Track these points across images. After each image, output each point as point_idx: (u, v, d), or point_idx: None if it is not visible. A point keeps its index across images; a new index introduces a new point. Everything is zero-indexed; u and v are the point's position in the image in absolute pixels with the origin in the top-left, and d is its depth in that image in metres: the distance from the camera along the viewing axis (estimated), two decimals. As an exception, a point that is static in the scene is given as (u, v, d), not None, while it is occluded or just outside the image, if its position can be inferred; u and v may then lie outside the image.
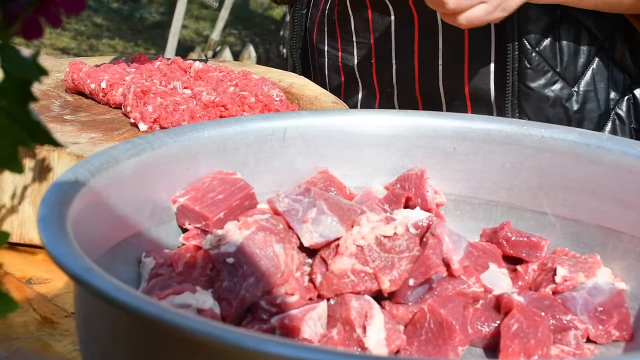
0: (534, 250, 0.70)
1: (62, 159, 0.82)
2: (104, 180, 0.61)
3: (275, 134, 0.73)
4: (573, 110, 1.12)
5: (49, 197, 0.55)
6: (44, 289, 0.77)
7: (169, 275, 0.64)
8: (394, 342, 0.61)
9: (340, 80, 1.26)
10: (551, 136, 0.73)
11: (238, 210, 0.69)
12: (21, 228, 0.83)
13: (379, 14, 1.19)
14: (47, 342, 0.69)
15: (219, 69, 1.04)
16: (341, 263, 0.63)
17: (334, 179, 0.75)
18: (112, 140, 0.88)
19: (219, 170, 0.71)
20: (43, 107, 0.97)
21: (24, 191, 0.82)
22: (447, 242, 0.63)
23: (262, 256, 0.62)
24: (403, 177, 0.75)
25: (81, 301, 0.53)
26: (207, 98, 0.95)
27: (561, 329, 0.64)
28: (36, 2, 0.32)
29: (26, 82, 0.32)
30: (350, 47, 1.24)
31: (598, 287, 0.67)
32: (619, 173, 0.70)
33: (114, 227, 0.63)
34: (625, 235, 0.69)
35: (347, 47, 1.24)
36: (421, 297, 0.63)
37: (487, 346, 0.64)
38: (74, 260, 0.48)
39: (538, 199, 0.74)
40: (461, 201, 0.76)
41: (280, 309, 0.61)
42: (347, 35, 1.24)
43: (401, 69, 1.20)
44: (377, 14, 1.19)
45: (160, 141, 0.67)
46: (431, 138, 0.75)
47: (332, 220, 0.65)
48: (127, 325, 0.49)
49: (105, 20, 6.29)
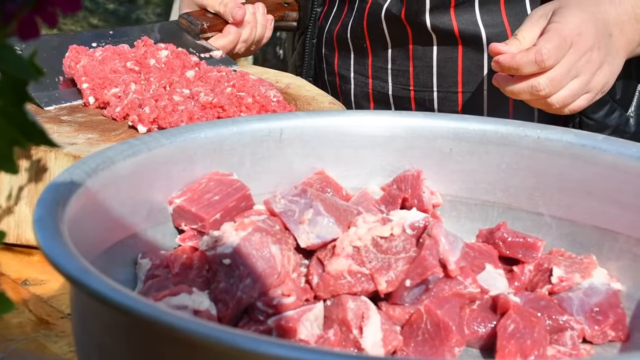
0: (530, 251, 0.70)
1: (59, 160, 0.82)
2: (100, 181, 0.61)
3: (271, 134, 0.73)
4: (631, 133, 1.14)
5: (45, 197, 0.55)
6: (40, 290, 0.77)
7: (165, 276, 0.64)
8: (391, 343, 0.61)
9: (369, 106, 1.24)
10: (547, 137, 0.73)
11: (234, 212, 0.69)
12: (18, 229, 0.83)
13: (421, 43, 1.17)
14: (43, 343, 0.69)
15: (217, 69, 1.04)
16: (338, 264, 0.63)
17: (330, 180, 0.75)
18: (110, 140, 0.88)
19: (216, 171, 0.71)
20: (40, 107, 0.97)
21: (20, 192, 0.82)
22: (444, 243, 0.63)
23: (259, 257, 0.62)
24: (399, 178, 0.75)
25: (77, 302, 0.53)
26: (204, 99, 0.94)
27: (557, 329, 0.64)
28: (32, 2, 0.32)
29: (22, 81, 0.32)
30: (384, 75, 1.21)
31: (594, 288, 0.67)
32: (615, 174, 0.70)
33: (110, 228, 0.63)
34: (621, 236, 0.69)
35: (380, 74, 1.22)
36: (418, 298, 0.63)
37: (484, 347, 0.64)
38: (70, 261, 0.48)
39: (534, 199, 0.74)
40: (457, 202, 0.76)
41: (276, 310, 0.61)
42: (380, 63, 1.21)
43: (443, 97, 1.18)
44: (418, 43, 1.17)
45: (157, 142, 0.67)
46: (427, 139, 0.75)
47: (328, 221, 0.65)
48: (124, 326, 0.49)
49: (102, 21, 6.28)
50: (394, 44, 1.19)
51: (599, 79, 1.00)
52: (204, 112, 0.94)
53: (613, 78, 1.03)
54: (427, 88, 1.18)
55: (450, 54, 1.16)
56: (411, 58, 1.18)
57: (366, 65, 1.23)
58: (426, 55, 1.17)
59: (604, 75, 1.01)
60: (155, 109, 0.92)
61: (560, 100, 0.99)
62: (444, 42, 1.15)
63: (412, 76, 1.18)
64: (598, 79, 1.00)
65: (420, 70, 1.18)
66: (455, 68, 1.16)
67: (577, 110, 1.02)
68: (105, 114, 0.96)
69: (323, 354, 0.42)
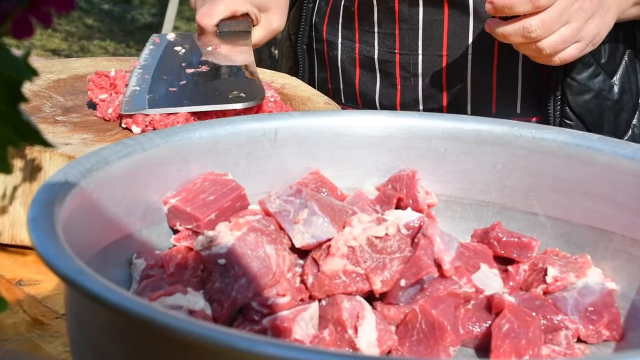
0: (524, 251, 0.70)
1: (54, 160, 0.82)
2: (94, 181, 0.61)
3: (266, 134, 0.73)
4: (613, 101, 1.14)
5: (40, 198, 0.55)
6: (35, 290, 0.77)
7: (160, 276, 0.64)
8: (386, 343, 0.61)
9: (355, 71, 1.24)
10: (542, 137, 0.73)
11: (229, 212, 0.69)
12: (12, 229, 0.83)
13: (407, 3, 1.16)
14: (38, 343, 0.68)
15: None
16: (333, 264, 0.63)
17: (325, 180, 0.75)
18: (104, 141, 0.88)
19: (211, 172, 0.71)
20: (35, 108, 0.97)
21: (14, 192, 0.82)
22: (439, 243, 0.63)
23: (254, 257, 0.62)
24: (394, 178, 0.75)
25: (72, 302, 0.53)
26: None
27: (552, 329, 0.64)
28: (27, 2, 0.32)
29: (16, 81, 0.32)
30: (370, 38, 1.21)
31: (589, 287, 0.67)
32: (610, 173, 0.70)
33: (105, 228, 0.63)
34: (615, 236, 0.69)
35: (367, 38, 1.21)
36: (413, 298, 0.64)
37: (479, 346, 0.64)
38: (65, 262, 0.48)
39: (529, 199, 0.74)
40: (452, 202, 0.76)
41: (271, 310, 0.61)
42: (367, 27, 1.21)
43: (428, 60, 1.17)
44: (404, 4, 1.16)
45: (151, 142, 0.67)
46: (423, 139, 0.75)
47: (323, 221, 0.65)
48: (119, 327, 0.49)
49: (97, 21, 6.27)
50: (380, 6, 1.19)
51: (590, 29, 1.00)
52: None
53: (604, 31, 1.03)
54: (413, 51, 1.17)
55: (436, 16, 1.15)
56: (397, 20, 1.17)
57: (353, 30, 1.22)
58: (412, 17, 1.16)
59: (595, 26, 1.01)
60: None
61: (551, 45, 0.98)
62: (430, 2, 1.15)
63: (397, 39, 1.18)
64: (589, 28, 1.00)
65: (406, 32, 1.17)
66: (441, 31, 1.15)
67: (568, 59, 1.01)
68: (98, 114, 0.95)
69: (318, 353, 0.42)
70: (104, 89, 0.97)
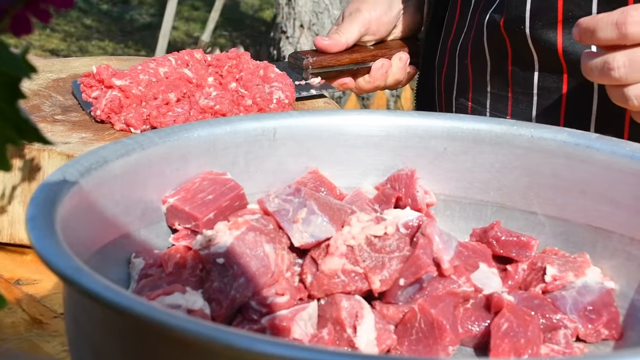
0: (523, 250, 0.70)
1: (53, 159, 0.82)
2: (93, 181, 0.61)
3: (265, 134, 0.73)
4: None
5: (38, 196, 0.55)
6: (33, 289, 0.77)
7: (158, 275, 0.64)
8: (385, 342, 0.61)
9: None
10: (541, 136, 0.73)
11: (228, 211, 0.69)
12: (11, 228, 0.83)
13: (521, 64, 0.97)
14: (36, 342, 0.68)
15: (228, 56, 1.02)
16: (332, 263, 0.63)
17: (324, 179, 0.75)
18: (103, 140, 0.88)
19: (209, 171, 0.71)
20: (34, 107, 0.97)
21: (13, 191, 0.82)
22: (438, 242, 0.63)
23: (253, 256, 0.62)
24: (393, 177, 0.75)
25: (70, 301, 0.53)
26: (204, 103, 0.93)
27: (551, 328, 0.64)
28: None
29: (15, 79, 0.32)
30: (482, 99, 1.04)
31: (587, 286, 0.67)
32: (609, 172, 0.70)
33: (104, 227, 0.63)
34: (614, 235, 0.69)
35: (479, 97, 1.04)
36: (412, 297, 0.63)
37: (478, 345, 0.64)
38: (63, 260, 0.48)
39: (528, 198, 0.74)
40: (451, 201, 0.76)
41: (270, 309, 0.61)
42: (480, 86, 1.03)
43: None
44: (518, 66, 0.98)
45: (150, 141, 0.67)
46: (422, 138, 0.75)
47: (322, 220, 0.65)
48: (117, 325, 0.49)
49: (95, 21, 6.27)
50: (492, 64, 1.00)
51: None
52: (203, 115, 0.93)
53: None
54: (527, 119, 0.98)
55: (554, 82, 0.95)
56: (510, 83, 0.99)
57: (467, 88, 1.06)
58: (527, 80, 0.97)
59: None
60: (150, 108, 0.91)
61: (639, 96, 0.77)
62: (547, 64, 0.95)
63: (510, 104, 0.99)
64: None
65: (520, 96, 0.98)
66: (560, 100, 0.95)
67: None
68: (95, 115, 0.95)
69: (318, 352, 0.42)
70: (93, 87, 0.97)
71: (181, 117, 0.91)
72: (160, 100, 0.93)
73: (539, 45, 0.94)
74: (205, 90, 0.94)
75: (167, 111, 0.92)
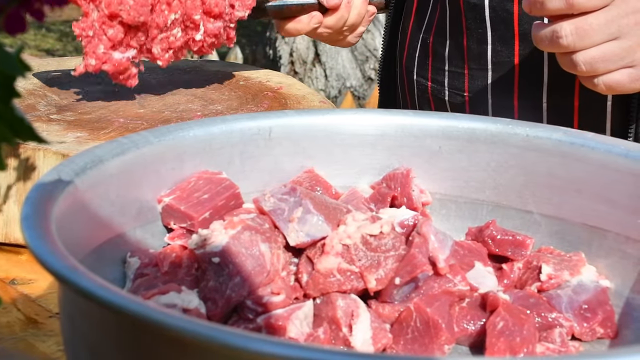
0: (519, 249, 0.70)
1: (48, 158, 0.82)
2: (88, 180, 0.61)
3: (260, 133, 0.73)
4: None
5: (33, 196, 0.55)
6: (28, 289, 0.77)
7: (154, 275, 0.63)
8: (380, 341, 0.61)
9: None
10: (536, 135, 0.73)
11: (224, 210, 0.69)
12: (6, 228, 0.83)
13: (476, 40, 1.01)
14: (32, 342, 0.68)
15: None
16: (327, 262, 0.63)
17: (319, 179, 0.75)
18: (99, 139, 0.88)
19: (205, 170, 0.71)
20: (29, 106, 0.97)
21: (8, 190, 0.82)
22: (433, 241, 0.63)
23: (248, 255, 0.62)
24: (389, 176, 0.75)
25: (65, 301, 0.53)
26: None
27: (546, 326, 0.65)
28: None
29: (9, 77, 0.32)
30: (440, 77, 1.07)
31: (583, 285, 0.67)
32: (604, 171, 0.70)
33: (99, 226, 0.63)
34: (610, 233, 0.70)
35: (438, 76, 1.07)
36: (407, 296, 0.64)
37: (473, 344, 0.64)
38: (58, 260, 0.48)
39: (523, 197, 0.74)
40: (447, 200, 0.76)
41: (266, 308, 0.61)
42: (439, 64, 1.06)
43: (498, 105, 1.02)
44: (473, 40, 1.01)
45: (146, 140, 0.67)
46: (417, 137, 0.75)
47: (318, 220, 0.65)
48: (113, 325, 0.48)
49: (91, 21, 6.25)
50: (451, 42, 1.03)
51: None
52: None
53: None
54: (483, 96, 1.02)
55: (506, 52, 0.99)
56: (466, 59, 1.02)
57: (427, 67, 1.09)
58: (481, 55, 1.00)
59: None
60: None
61: (587, 60, 0.79)
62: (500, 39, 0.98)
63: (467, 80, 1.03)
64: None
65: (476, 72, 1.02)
66: (513, 72, 0.99)
67: (615, 87, 0.81)
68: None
69: (313, 351, 0.42)
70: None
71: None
72: None
73: (495, 15, 0.98)
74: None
75: None
